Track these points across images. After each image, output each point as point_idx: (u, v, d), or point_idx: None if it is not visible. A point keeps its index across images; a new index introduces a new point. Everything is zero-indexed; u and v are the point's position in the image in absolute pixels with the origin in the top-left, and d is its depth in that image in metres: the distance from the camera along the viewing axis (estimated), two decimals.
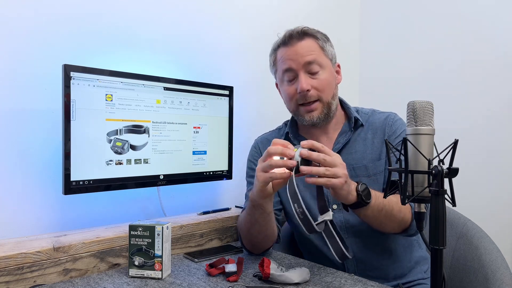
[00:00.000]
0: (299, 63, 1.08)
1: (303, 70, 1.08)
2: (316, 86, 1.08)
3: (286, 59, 1.10)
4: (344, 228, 1.10)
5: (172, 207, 1.36)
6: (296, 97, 1.10)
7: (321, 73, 1.09)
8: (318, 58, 1.09)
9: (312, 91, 1.08)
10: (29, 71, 1.09)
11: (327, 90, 1.10)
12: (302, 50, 1.08)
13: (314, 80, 1.08)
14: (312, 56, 1.08)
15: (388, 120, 1.14)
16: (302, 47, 1.09)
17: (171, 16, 1.39)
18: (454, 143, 0.65)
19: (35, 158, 1.10)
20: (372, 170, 1.09)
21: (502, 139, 1.60)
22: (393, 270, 1.10)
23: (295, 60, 1.08)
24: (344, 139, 1.13)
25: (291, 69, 1.10)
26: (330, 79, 1.11)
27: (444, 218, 0.61)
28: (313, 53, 1.08)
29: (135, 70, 1.20)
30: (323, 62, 1.10)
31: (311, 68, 1.08)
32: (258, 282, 0.92)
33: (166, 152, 1.23)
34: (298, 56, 1.08)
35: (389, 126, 1.13)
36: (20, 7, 1.08)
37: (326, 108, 1.11)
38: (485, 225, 1.22)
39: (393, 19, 1.98)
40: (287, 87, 1.12)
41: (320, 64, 1.09)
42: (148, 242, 0.95)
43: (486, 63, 1.64)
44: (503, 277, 1.04)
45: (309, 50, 1.09)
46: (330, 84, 1.11)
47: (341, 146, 1.12)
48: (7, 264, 0.88)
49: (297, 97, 1.10)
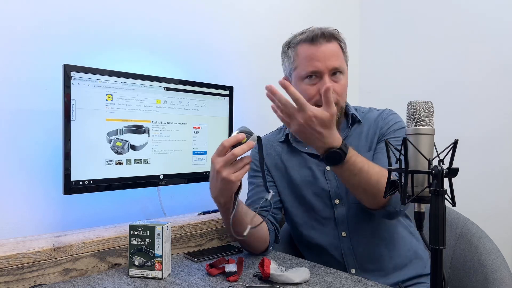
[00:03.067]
0: (326, 67, 1.07)
1: (328, 74, 1.08)
2: (337, 90, 1.09)
3: (314, 59, 1.08)
4: (346, 222, 1.11)
5: (172, 207, 1.36)
6: (317, 98, 1.09)
7: (342, 78, 1.10)
8: (342, 64, 1.10)
9: (334, 94, 1.08)
10: (29, 71, 1.09)
11: (344, 95, 1.12)
12: (330, 53, 1.08)
13: (336, 84, 1.09)
14: (338, 62, 1.08)
15: (382, 114, 1.17)
16: (330, 51, 1.08)
17: (171, 16, 1.39)
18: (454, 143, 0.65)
19: (35, 158, 1.10)
20: None
21: (502, 139, 1.60)
22: (391, 263, 1.10)
23: (323, 62, 1.07)
24: (342, 136, 1.14)
25: (318, 71, 1.08)
26: (347, 84, 1.13)
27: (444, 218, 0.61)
28: (338, 59, 1.09)
29: (135, 70, 1.20)
30: (344, 68, 1.12)
31: (335, 72, 1.09)
32: (258, 282, 0.92)
33: (166, 152, 1.23)
34: (326, 59, 1.07)
35: (383, 119, 1.16)
36: (20, 7, 1.08)
37: (339, 112, 1.12)
38: (485, 225, 1.22)
39: (393, 19, 1.98)
40: (307, 86, 1.10)
41: (342, 70, 1.10)
42: (148, 242, 0.95)
43: (486, 63, 1.64)
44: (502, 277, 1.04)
45: (336, 54, 1.09)
46: (346, 89, 1.13)
47: None
48: (7, 264, 0.88)
49: (318, 99, 1.08)
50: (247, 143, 0.90)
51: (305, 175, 1.16)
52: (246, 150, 0.89)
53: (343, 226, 1.11)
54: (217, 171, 0.90)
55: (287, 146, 1.21)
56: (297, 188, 1.16)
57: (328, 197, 1.13)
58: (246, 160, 0.91)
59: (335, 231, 1.12)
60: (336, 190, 1.12)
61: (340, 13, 2.03)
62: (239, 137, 0.90)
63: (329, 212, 1.13)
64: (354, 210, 1.11)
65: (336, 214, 1.12)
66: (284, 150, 1.22)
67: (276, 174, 1.21)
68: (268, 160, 1.22)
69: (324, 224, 1.13)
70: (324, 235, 1.14)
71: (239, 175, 0.91)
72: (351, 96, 1.94)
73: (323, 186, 1.13)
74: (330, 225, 1.13)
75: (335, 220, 1.12)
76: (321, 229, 1.14)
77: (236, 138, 0.90)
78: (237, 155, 0.89)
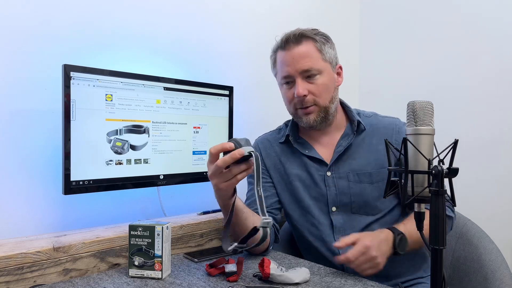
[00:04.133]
0: (295, 70, 1.08)
1: (300, 76, 1.09)
2: (313, 91, 1.09)
3: (284, 64, 1.11)
4: (343, 229, 1.10)
5: (172, 207, 1.36)
6: (294, 101, 1.11)
7: (318, 78, 1.09)
8: (315, 65, 1.08)
9: (309, 96, 1.09)
10: (29, 71, 1.09)
11: (324, 94, 1.10)
12: (298, 56, 1.08)
13: (311, 85, 1.09)
14: (308, 64, 1.08)
15: (394, 127, 1.14)
16: (299, 53, 1.08)
17: (171, 16, 1.39)
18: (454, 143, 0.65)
19: (35, 158, 1.10)
20: (375, 177, 1.10)
21: (502, 139, 1.60)
22: (392, 269, 1.10)
23: (292, 66, 1.09)
24: (346, 143, 1.13)
25: (289, 75, 1.10)
26: (328, 83, 1.11)
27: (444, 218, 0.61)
28: (309, 59, 1.08)
29: (135, 70, 1.20)
30: (321, 67, 1.09)
31: (308, 74, 1.08)
32: (258, 282, 0.92)
33: (166, 152, 1.23)
34: (294, 62, 1.08)
35: (397, 133, 1.13)
36: (20, 7, 1.08)
37: (323, 112, 1.11)
38: (485, 225, 1.22)
39: (393, 19, 1.98)
40: (286, 90, 1.14)
41: (318, 70, 1.09)
42: (148, 242, 0.94)
43: (487, 63, 1.64)
44: (502, 277, 1.04)
45: (306, 55, 1.08)
46: (327, 88, 1.11)
47: (343, 149, 1.12)
48: (7, 264, 0.88)
49: (295, 101, 1.11)
50: (230, 154, 0.87)
51: (304, 178, 1.15)
52: (229, 161, 0.87)
53: (340, 233, 1.10)
54: (209, 178, 0.93)
55: (288, 147, 1.21)
56: (295, 191, 1.16)
57: (325, 203, 1.12)
58: (236, 171, 0.89)
59: (332, 237, 1.11)
60: (334, 198, 1.11)
61: (340, 13, 2.03)
62: (225, 145, 0.88)
63: (326, 218, 1.12)
64: (352, 219, 1.10)
65: (333, 221, 1.11)
66: (283, 151, 1.21)
67: (275, 175, 1.20)
68: (267, 160, 1.22)
69: (320, 229, 1.13)
70: (320, 240, 1.13)
71: (229, 185, 0.91)
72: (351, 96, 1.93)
73: (321, 191, 1.12)
74: (327, 231, 1.12)
75: (332, 227, 1.11)
76: (317, 233, 1.13)
77: (222, 146, 0.88)
78: (220, 166, 0.87)
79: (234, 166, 0.89)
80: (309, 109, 1.10)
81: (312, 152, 1.15)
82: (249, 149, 0.88)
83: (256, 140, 1.29)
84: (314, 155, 1.15)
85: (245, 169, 0.90)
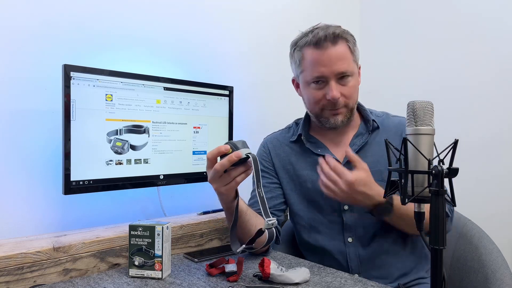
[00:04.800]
0: (331, 72, 1.05)
1: (334, 78, 1.06)
2: (345, 94, 1.07)
3: (319, 65, 1.06)
4: (353, 228, 1.10)
5: (172, 207, 1.36)
6: (323, 102, 1.08)
7: (350, 80, 1.07)
8: (350, 67, 1.06)
9: (341, 98, 1.07)
10: (29, 71, 1.09)
11: (354, 96, 1.10)
12: (336, 57, 1.04)
13: (344, 87, 1.07)
14: (344, 66, 1.05)
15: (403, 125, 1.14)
16: (336, 54, 1.05)
17: (172, 16, 1.39)
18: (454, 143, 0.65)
19: (35, 158, 1.10)
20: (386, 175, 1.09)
21: (502, 139, 1.60)
22: (397, 269, 1.10)
23: (329, 67, 1.05)
24: (361, 141, 1.13)
25: (323, 76, 1.06)
26: (356, 85, 1.11)
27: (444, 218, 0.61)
28: (346, 62, 1.06)
29: (135, 70, 1.20)
30: (353, 69, 1.08)
31: (342, 76, 1.06)
32: (258, 282, 0.92)
33: (166, 152, 1.23)
34: (331, 64, 1.04)
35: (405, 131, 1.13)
36: (20, 7, 1.08)
37: (349, 113, 1.11)
38: (485, 225, 1.22)
39: (393, 19, 1.98)
40: (314, 91, 1.09)
41: (351, 72, 1.07)
42: (148, 242, 0.94)
43: (487, 63, 1.64)
44: (503, 277, 1.04)
45: (342, 57, 1.05)
46: (356, 90, 1.11)
47: (357, 148, 1.12)
48: (7, 264, 0.88)
49: (325, 103, 1.08)
50: (227, 157, 0.86)
51: (316, 178, 1.13)
52: (227, 164, 0.86)
53: (350, 232, 1.10)
54: (210, 182, 0.92)
55: (298, 146, 1.19)
56: (306, 190, 1.15)
57: (337, 202, 1.10)
58: (235, 174, 0.89)
59: (341, 236, 1.11)
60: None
61: (340, 13, 2.03)
62: (221, 149, 0.87)
63: (337, 217, 1.11)
64: (363, 218, 1.09)
65: (344, 220, 1.10)
66: (294, 150, 1.19)
67: (283, 176, 1.19)
68: (276, 160, 1.21)
69: (330, 228, 1.12)
70: (329, 239, 1.12)
71: (229, 188, 0.91)
72: None
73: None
74: (337, 229, 1.11)
75: (342, 225, 1.11)
76: (327, 232, 1.13)
77: (218, 150, 0.88)
78: (219, 170, 0.87)
79: (233, 169, 0.89)
80: (339, 111, 1.09)
81: (325, 151, 1.14)
82: (247, 151, 0.88)
83: (265, 139, 1.27)
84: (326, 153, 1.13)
85: (243, 171, 0.90)
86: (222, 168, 0.87)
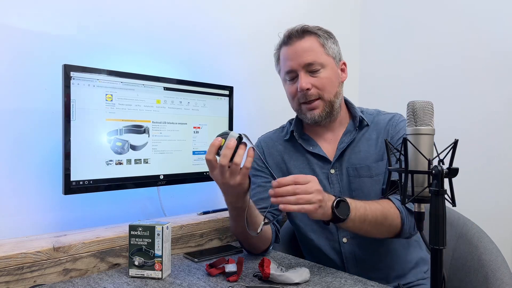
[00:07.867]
0: (298, 64, 1.09)
1: (303, 70, 1.09)
2: (316, 85, 1.09)
3: (287, 59, 1.11)
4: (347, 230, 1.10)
5: (172, 207, 1.36)
6: (298, 96, 1.11)
7: (322, 72, 1.09)
8: (318, 58, 1.09)
9: (313, 89, 1.08)
10: (29, 71, 1.09)
11: (328, 88, 1.10)
12: (301, 50, 1.09)
13: (315, 79, 1.09)
14: (311, 57, 1.08)
15: (393, 121, 1.14)
16: (301, 47, 1.09)
17: (172, 16, 1.39)
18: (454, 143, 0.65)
19: (35, 158, 1.10)
20: (374, 171, 1.09)
21: (502, 139, 1.60)
22: (394, 271, 1.10)
23: (295, 60, 1.09)
24: (349, 139, 1.13)
25: (292, 70, 1.10)
26: (332, 77, 1.11)
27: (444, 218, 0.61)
28: (312, 53, 1.08)
29: (135, 70, 1.20)
30: (324, 61, 1.10)
31: (311, 68, 1.08)
32: (258, 282, 0.92)
33: (166, 152, 1.23)
34: (297, 56, 1.09)
35: (393, 126, 1.13)
36: (20, 7, 1.08)
37: (328, 107, 1.11)
38: (485, 225, 1.22)
39: (393, 18, 1.98)
40: (289, 86, 1.14)
41: (321, 63, 1.09)
42: (148, 242, 0.94)
43: (487, 63, 1.64)
44: (503, 277, 1.04)
45: (309, 49, 1.08)
46: (331, 82, 1.11)
47: (345, 146, 1.12)
48: (7, 264, 0.88)
49: (299, 96, 1.11)
50: (226, 146, 0.85)
51: None
52: (229, 153, 0.85)
53: (345, 232, 1.10)
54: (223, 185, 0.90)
55: (291, 145, 1.20)
56: None
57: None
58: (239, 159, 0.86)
59: (336, 236, 1.11)
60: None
61: (340, 13, 2.03)
62: (215, 143, 0.87)
63: None
64: None
65: None
66: (287, 149, 1.20)
67: (278, 174, 1.19)
68: (269, 159, 1.22)
69: (324, 227, 1.12)
70: (324, 238, 1.13)
71: (243, 177, 0.88)
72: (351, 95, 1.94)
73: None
74: (331, 229, 1.12)
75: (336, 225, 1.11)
76: (321, 232, 1.13)
77: (213, 146, 0.87)
78: (225, 164, 0.85)
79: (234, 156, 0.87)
80: (314, 104, 1.10)
81: (316, 148, 1.15)
82: (235, 134, 0.87)
83: (259, 139, 1.29)
84: (318, 152, 1.14)
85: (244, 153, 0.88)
86: (226, 159, 0.85)
